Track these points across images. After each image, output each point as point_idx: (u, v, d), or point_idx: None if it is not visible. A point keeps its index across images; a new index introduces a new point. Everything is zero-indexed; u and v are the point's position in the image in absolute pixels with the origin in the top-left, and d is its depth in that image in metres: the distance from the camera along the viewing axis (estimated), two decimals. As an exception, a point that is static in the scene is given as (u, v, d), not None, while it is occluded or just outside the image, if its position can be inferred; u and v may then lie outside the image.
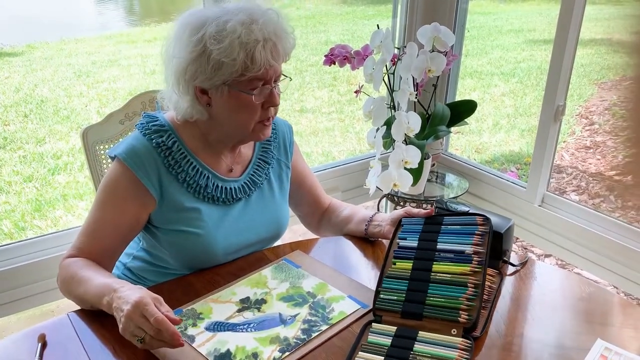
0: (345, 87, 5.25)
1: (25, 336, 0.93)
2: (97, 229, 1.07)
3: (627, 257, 1.88)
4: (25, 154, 3.69)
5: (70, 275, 1.01)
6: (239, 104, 1.04)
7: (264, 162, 1.21)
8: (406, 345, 0.90)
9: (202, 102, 1.06)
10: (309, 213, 1.36)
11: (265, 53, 0.99)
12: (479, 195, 2.35)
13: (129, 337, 0.85)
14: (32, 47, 5.89)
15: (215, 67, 0.99)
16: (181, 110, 1.08)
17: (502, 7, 8.50)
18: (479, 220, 1.09)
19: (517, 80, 5.39)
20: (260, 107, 1.06)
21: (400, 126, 1.56)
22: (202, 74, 1.01)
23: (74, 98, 4.64)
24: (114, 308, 0.88)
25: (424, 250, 1.07)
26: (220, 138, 1.12)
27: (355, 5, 8.42)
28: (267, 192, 1.21)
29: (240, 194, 1.16)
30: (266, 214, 1.20)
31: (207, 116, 1.08)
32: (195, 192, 1.10)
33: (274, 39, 1.01)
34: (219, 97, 1.04)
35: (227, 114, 1.06)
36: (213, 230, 1.11)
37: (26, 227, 2.93)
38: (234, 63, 0.98)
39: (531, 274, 1.14)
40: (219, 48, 0.97)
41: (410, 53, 1.68)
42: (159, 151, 1.07)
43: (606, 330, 0.97)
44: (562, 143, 4.01)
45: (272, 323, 0.97)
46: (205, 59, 0.99)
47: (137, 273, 1.19)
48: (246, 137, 1.12)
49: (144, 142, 1.07)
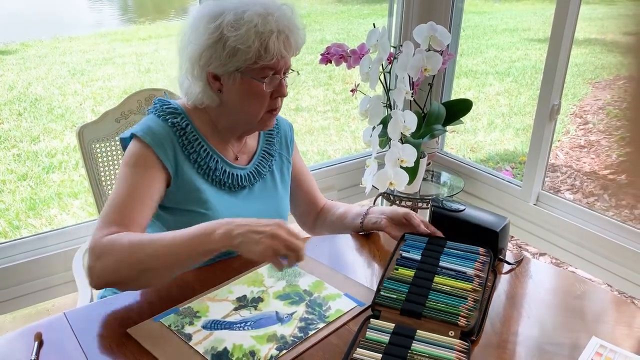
0: (340, 86, 5.25)
1: (21, 335, 0.93)
2: (130, 201, 1.03)
3: (620, 255, 1.89)
4: (19, 153, 3.67)
5: (130, 242, 0.94)
6: (250, 91, 1.08)
7: (268, 154, 1.25)
8: (404, 344, 0.91)
9: (214, 88, 1.10)
10: (305, 212, 1.38)
11: (278, 44, 1.04)
12: (475, 194, 2.36)
13: (270, 255, 0.88)
14: (26, 45, 5.86)
15: (230, 54, 1.04)
16: (192, 95, 1.12)
17: (497, 7, 8.52)
18: (481, 250, 1.13)
19: (511, 79, 5.41)
20: (269, 96, 1.11)
21: (396, 125, 1.57)
22: (216, 59, 1.05)
23: (69, 96, 4.62)
24: (244, 233, 0.89)
25: (426, 264, 1.09)
26: (228, 126, 1.16)
27: (351, 4, 8.42)
28: (269, 184, 1.24)
29: (246, 181, 1.19)
30: (268, 204, 1.22)
31: (217, 102, 1.12)
32: (205, 174, 1.13)
33: (287, 31, 1.06)
34: (230, 83, 1.08)
35: (237, 101, 1.10)
36: (219, 214, 1.12)
37: (21, 226, 2.92)
38: (248, 50, 1.03)
39: (526, 272, 1.15)
40: (235, 35, 1.02)
41: (406, 52, 1.68)
42: (174, 130, 1.11)
43: (600, 328, 0.98)
44: (557, 142, 4.03)
45: (268, 321, 0.97)
46: (221, 45, 1.03)
47: None
48: (253, 126, 1.16)
49: (160, 122, 1.10)
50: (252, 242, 0.89)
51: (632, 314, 1.03)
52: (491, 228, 1.14)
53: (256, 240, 0.89)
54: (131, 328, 0.94)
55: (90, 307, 1.03)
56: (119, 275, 0.94)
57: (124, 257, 0.93)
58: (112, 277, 0.95)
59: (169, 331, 0.93)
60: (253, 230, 0.89)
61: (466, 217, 1.18)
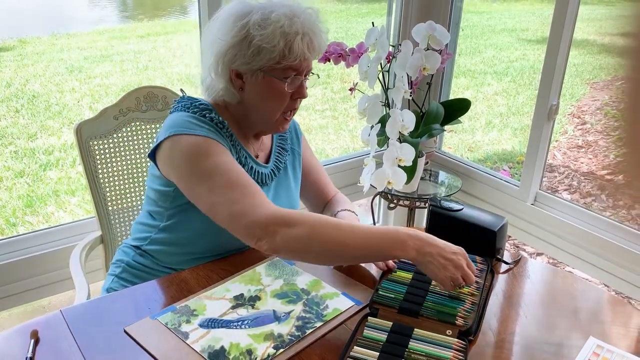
0: (338, 84, 5.25)
1: (17, 332, 0.93)
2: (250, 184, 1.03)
3: (617, 255, 1.89)
4: (16, 150, 3.66)
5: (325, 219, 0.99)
6: (271, 90, 1.10)
7: (283, 150, 1.27)
8: (401, 342, 0.91)
9: (236, 86, 1.11)
10: (314, 203, 1.39)
11: (302, 45, 1.06)
12: (472, 193, 2.36)
13: (449, 283, 0.94)
14: (23, 42, 5.84)
15: (255, 52, 1.05)
16: (214, 91, 1.14)
17: (495, 7, 8.52)
18: (478, 259, 1.14)
19: (510, 79, 5.42)
20: (289, 97, 1.12)
21: (394, 124, 1.57)
22: (241, 57, 1.07)
23: (66, 93, 4.61)
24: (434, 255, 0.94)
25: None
26: (247, 124, 1.18)
27: (350, 3, 8.41)
28: (284, 179, 1.26)
29: (268, 179, 1.21)
30: (283, 198, 1.24)
31: (237, 100, 1.13)
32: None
33: (311, 34, 1.08)
34: (252, 81, 1.10)
35: (258, 99, 1.12)
36: None
37: (17, 223, 2.91)
38: (273, 50, 1.05)
39: (524, 272, 1.15)
40: (261, 34, 1.04)
41: (405, 51, 1.68)
42: (214, 123, 1.11)
43: (597, 328, 0.98)
44: (555, 142, 4.04)
45: (266, 320, 0.97)
46: (247, 43, 1.05)
47: (154, 256, 1.18)
48: (269, 127, 1.17)
49: (199, 118, 1.10)
50: (439, 267, 0.94)
51: (629, 314, 1.03)
52: (489, 228, 1.14)
53: (443, 266, 0.94)
54: (128, 326, 0.94)
55: (87, 304, 1.03)
56: (308, 245, 0.97)
57: (318, 231, 0.97)
58: (298, 245, 0.97)
59: (166, 329, 0.93)
60: (442, 255, 0.95)
61: (464, 216, 1.18)
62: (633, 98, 0.34)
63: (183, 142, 1.06)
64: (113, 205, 1.49)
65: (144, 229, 1.20)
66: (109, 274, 1.25)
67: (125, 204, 1.51)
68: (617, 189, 3.02)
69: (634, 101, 0.34)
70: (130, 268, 1.20)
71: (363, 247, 0.97)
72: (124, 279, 1.20)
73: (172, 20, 7.69)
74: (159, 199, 1.15)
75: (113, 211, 1.49)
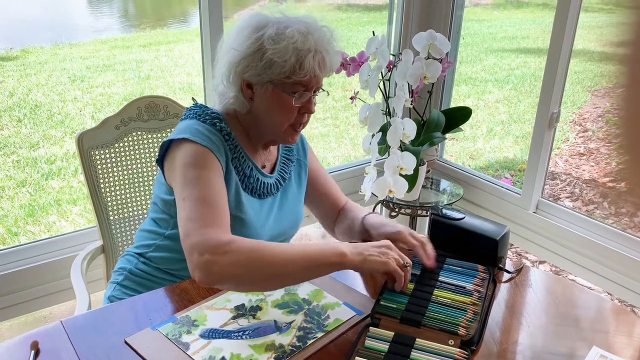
0: (340, 93, 5.26)
1: (17, 343, 0.92)
2: (215, 202, 1.02)
3: (620, 263, 1.88)
4: (18, 159, 3.67)
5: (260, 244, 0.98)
6: (279, 103, 1.11)
7: (288, 160, 1.28)
8: (403, 352, 0.90)
9: (246, 96, 1.12)
10: (325, 214, 1.36)
11: (313, 62, 1.07)
12: (474, 201, 2.36)
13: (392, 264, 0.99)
14: (26, 52, 5.87)
15: (267, 65, 1.07)
16: (225, 99, 1.15)
17: (496, 15, 8.55)
18: (480, 268, 1.13)
19: (511, 87, 5.42)
20: (297, 111, 1.13)
21: (395, 132, 1.57)
22: (252, 69, 1.08)
23: (68, 103, 4.63)
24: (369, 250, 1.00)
25: (426, 278, 1.09)
26: (256, 134, 1.18)
27: (351, 12, 8.45)
28: (289, 190, 1.26)
29: (273, 190, 1.21)
30: (287, 209, 1.24)
31: (246, 109, 1.15)
32: (241, 179, 1.15)
33: (323, 52, 1.09)
34: (262, 93, 1.11)
35: (266, 111, 1.13)
36: (254, 219, 1.15)
37: (19, 233, 2.91)
38: (284, 64, 1.05)
39: (526, 280, 1.15)
40: (274, 48, 1.05)
41: (405, 60, 1.69)
42: (222, 134, 1.12)
43: (601, 337, 0.97)
44: (556, 150, 4.03)
45: (267, 330, 0.97)
46: (260, 56, 1.06)
47: (157, 263, 1.18)
48: (277, 138, 1.18)
49: (207, 126, 1.11)
50: (378, 254, 0.99)
51: (633, 322, 1.02)
52: (491, 236, 1.14)
53: (380, 252, 1.00)
54: (129, 337, 0.93)
55: (87, 315, 1.02)
56: (247, 272, 0.94)
57: (256, 257, 0.95)
58: (238, 271, 0.94)
59: (166, 340, 0.93)
60: (374, 246, 1.01)
61: (466, 225, 1.18)
62: (633, 105, 0.34)
63: (185, 147, 1.08)
64: (114, 215, 1.49)
65: (149, 236, 1.20)
66: (111, 282, 1.25)
67: (127, 213, 1.51)
68: (619, 197, 3.01)
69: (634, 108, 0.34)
70: (133, 275, 1.20)
71: (305, 260, 0.96)
72: (126, 286, 1.20)
73: (174, 30, 7.73)
74: (164, 206, 1.16)
75: (114, 220, 1.49)
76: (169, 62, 5.86)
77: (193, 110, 1.16)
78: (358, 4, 8.87)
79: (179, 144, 1.09)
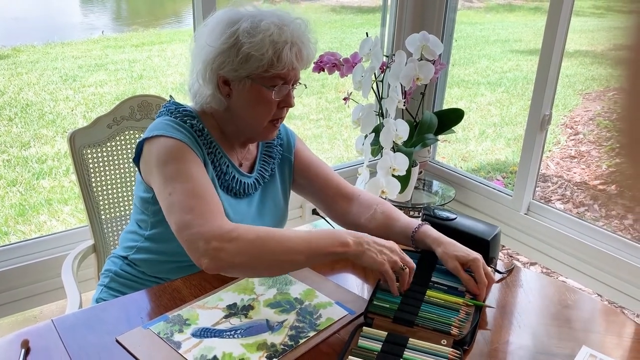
0: (333, 94, 5.27)
1: (8, 342, 0.92)
2: (206, 193, 1.02)
3: (610, 265, 1.90)
4: (9, 158, 3.65)
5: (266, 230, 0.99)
6: (258, 98, 1.10)
7: (269, 157, 1.25)
8: (397, 352, 0.90)
9: (223, 93, 1.11)
10: (333, 202, 1.27)
11: (291, 54, 1.06)
12: (466, 203, 2.37)
13: (386, 266, 0.98)
14: (17, 50, 5.83)
15: (243, 60, 1.05)
16: (201, 98, 1.13)
17: (489, 18, 8.60)
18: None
19: (503, 89, 5.45)
20: (276, 105, 1.12)
21: (388, 134, 1.57)
22: (229, 64, 1.06)
23: (60, 102, 4.60)
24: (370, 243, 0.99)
25: (419, 278, 1.09)
26: (234, 131, 1.17)
27: (344, 14, 8.47)
28: (270, 187, 1.24)
29: (251, 189, 1.19)
30: (268, 206, 1.23)
31: (224, 107, 1.13)
32: (218, 175, 1.14)
33: (300, 44, 1.08)
34: (240, 89, 1.09)
35: (245, 107, 1.11)
36: (232, 217, 1.11)
37: (9, 232, 2.89)
38: (261, 58, 1.04)
39: (517, 281, 1.15)
40: (250, 42, 1.04)
41: (398, 61, 1.69)
42: (194, 130, 1.11)
43: (591, 337, 0.98)
44: (548, 152, 4.06)
45: (259, 329, 0.97)
46: (235, 51, 1.05)
47: (140, 266, 1.17)
48: (256, 135, 1.17)
49: (179, 123, 1.10)
50: (376, 252, 0.99)
51: (622, 323, 1.03)
52: (482, 237, 1.15)
53: (379, 251, 0.99)
54: (120, 335, 0.93)
55: (78, 314, 1.02)
56: (253, 259, 0.96)
57: (261, 244, 0.96)
58: (244, 259, 0.95)
59: (158, 339, 0.93)
60: (377, 242, 1.00)
61: (457, 225, 1.19)
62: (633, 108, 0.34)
63: (158, 143, 1.07)
64: (106, 214, 1.48)
65: (131, 237, 1.19)
66: (99, 284, 1.24)
67: (118, 212, 1.50)
68: (609, 199, 3.04)
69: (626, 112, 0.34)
70: (118, 277, 1.19)
71: (309, 249, 0.97)
72: (112, 288, 1.19)
73: (167, 30, 7.71)
74: (142, 206, 1.15)
75: (106, 220, 1.49)
76: (161, 62, 5.84)
77: (167, 107, 1.15)
78: (352, 6, 8.88)
79: (153, 140, 1.07)
